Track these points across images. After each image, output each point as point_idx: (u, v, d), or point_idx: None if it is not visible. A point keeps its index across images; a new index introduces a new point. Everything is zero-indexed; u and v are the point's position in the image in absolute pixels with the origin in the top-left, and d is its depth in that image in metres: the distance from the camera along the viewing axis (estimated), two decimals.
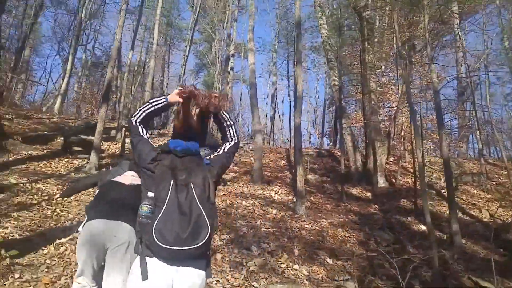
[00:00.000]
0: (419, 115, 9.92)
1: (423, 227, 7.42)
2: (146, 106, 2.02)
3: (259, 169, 9.19)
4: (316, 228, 6.44)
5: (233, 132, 2.14)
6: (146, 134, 1.98)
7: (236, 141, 2.14)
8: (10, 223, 5.03)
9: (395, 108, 11.52)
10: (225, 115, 2.07)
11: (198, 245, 1.66)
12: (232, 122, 2.13)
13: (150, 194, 1.75)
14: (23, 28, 19.16)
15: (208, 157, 2.07)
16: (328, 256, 5.23)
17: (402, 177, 10.83)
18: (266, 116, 26.43)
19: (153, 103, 2.02)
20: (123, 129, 9.70)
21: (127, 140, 11.10)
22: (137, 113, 2.00)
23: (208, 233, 1.70)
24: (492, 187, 10.27)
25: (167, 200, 1.73)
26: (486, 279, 4.92)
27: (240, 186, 8.55)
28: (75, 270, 2.67)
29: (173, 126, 2.16)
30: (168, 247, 1.63)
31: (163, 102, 2.01)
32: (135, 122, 1.98)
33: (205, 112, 2.00)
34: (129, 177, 2.55)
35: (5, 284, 3.53)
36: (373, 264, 4.92)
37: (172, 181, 1.79)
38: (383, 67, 16.26)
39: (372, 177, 10.12)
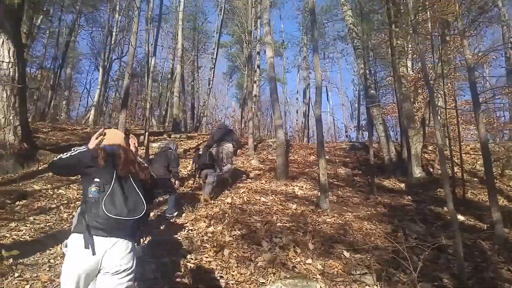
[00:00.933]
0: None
1: (461, 217, 6.78)
2: (65, 155, 2.32)
3: (283, 165, 8.89)
4: (339, 222, 6.03)
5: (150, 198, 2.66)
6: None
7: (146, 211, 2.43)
8: (26, 226, 5.20)
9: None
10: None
11: (137, 217, 2.22)
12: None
13: (97, 179, 2.23)
14: (60, 47, 20.15)
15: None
16: (346, 249, 4.84)
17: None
18: (297, 112, 25.95)
19: (73, 152, 2.33)
20: (147, 133, 9.82)
21: (154, 144, 11.23)
22: (55, 165, 2.35)
23: (144, 210, 2.27)
24: None
25: (111, 185, 2.23)
26: None
27: (261, 183, 8.29)
28: None
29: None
30: (114, 216, 2.13)
31: (83, 149, 2.34)
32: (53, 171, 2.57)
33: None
34: None
35: (3, 282, 3.58)
36: (396, 257, 4.46)
37: (114, 171, 2.30)
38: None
39: (407, 167, 9.51)
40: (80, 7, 19.42)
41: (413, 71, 13.12)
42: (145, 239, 4.83)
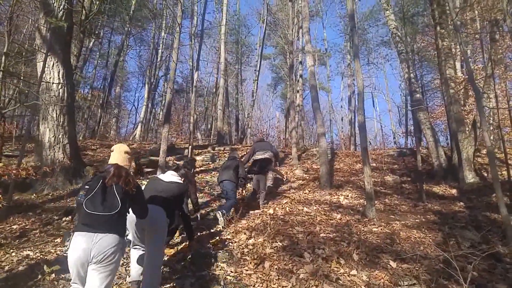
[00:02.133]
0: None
1: None
2: None
3: (327, 174, 8.81)
4: (386, 231, 5.89)
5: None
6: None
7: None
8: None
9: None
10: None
11: (110, 213, 2.80)
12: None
13: (87, 187, 2.91)
14: (110, 67, 21.39)
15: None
16: (393, 259, 4.73)
17: (497, 170, 9.51)
18: (342, 120, 25.54)
19: None
20: (190, 147, 10.12)
21: (198, 157, 11.56)
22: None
23: (118, 208, 2.83)
24: None
25: (94, 191, 2.86)
26: None
27: (305, 193, 8.25)
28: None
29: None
30: (92, 212, 2.76)
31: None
32: None
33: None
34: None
35: None
36: (446, 267, 4.29)
37: (101, 181, 2.93)
38: (469, 52, 14.80)
39: (458, 173, 9.10)
40: (129, 28, 20.47)
41: (461, 73, 12.58)
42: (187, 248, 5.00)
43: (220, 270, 4.33)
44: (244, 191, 8.46)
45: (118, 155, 3.25)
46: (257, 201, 7.59)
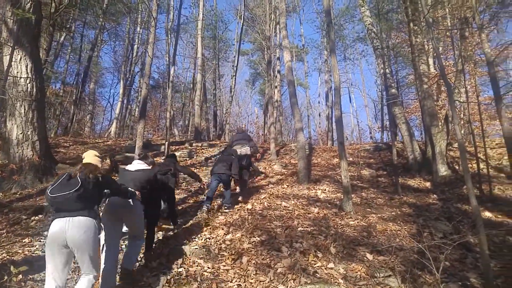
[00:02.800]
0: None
1: (489, 214, 6.63)
2: None
3: (305, 168, 8.88)
4: (362, 224, 6.00)
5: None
6: None
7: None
8: (40, 241, 5.30)
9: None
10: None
11: (67, 192, 3.06)
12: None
13: (55, 181, 3.23)
14: (83, 62, 20.77)
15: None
16: (369, 252, 4.81)
17: (468, 162, 9.80)
18: (320, 115, 25.79)
19: None
20: (167, 143, 9.99)
21: (175, 154, 11.40)
22: None
23: (76, 188, 3.09)
24: None
25: (61, 179, 3.21)
26: None
27: (283, 188, 8.28)
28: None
29: None
30: (53, 195, 3.07)
31: None
32: None
33: None
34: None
35: None
36: (420, 258, 4.40)
37: (66, 174, 3.28)
38: (440, 48, 15.15)
39: (432, 166, 9.34)
40: (102, 22, 19.90)
41: (434, 69, 12.90)
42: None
43: (197, 266, 4.29)
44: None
45: (89, 158, 3.55)
46: (235, 196, 7.60)
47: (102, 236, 3.71)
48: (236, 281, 3.94)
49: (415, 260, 4.61)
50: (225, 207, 6.75)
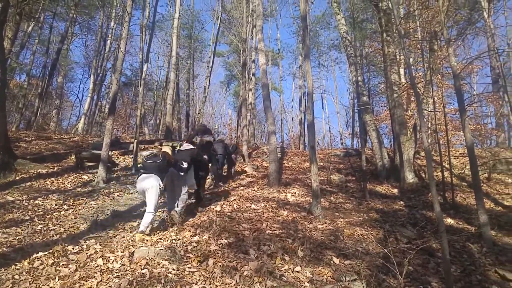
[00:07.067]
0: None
1: (451, 221, 6.86)
2: None
3: (276, 171, 8.89)
4: (330, 228, 6.05)
5: None
6: None
7: None
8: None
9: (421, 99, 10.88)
10: None
11: (154, 162, 5.71)
12: None
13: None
14: (51, 54, 19.99)
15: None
16: (336, 256, 4.85)
17: (433, 170, 10.13)
18: (293, 120, 26.02)
19: None
20: (136, 141, 9.77)
21: (143, 153, 11.13)
22: None
23: (159, 161, 5.73)
24: None
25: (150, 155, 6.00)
26: None
27: (253, 190, 8.25)
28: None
29: None
30: (147, 161, 5.80)
31: None
32: None
33: None
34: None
35: None
36: (385, 262, 4.48)
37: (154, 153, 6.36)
38: (411, 60, 15.60)
39: (400, 173, 9.58)
40: (74, 14, 19.24)
41: (405, 79, 13.28)
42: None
43: (162, 268, 4.15)
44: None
45: (165, 148, 6.15)
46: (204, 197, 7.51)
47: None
48: (201, 283, 3.84)
49: (380, 264, 4.69)
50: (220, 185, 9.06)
